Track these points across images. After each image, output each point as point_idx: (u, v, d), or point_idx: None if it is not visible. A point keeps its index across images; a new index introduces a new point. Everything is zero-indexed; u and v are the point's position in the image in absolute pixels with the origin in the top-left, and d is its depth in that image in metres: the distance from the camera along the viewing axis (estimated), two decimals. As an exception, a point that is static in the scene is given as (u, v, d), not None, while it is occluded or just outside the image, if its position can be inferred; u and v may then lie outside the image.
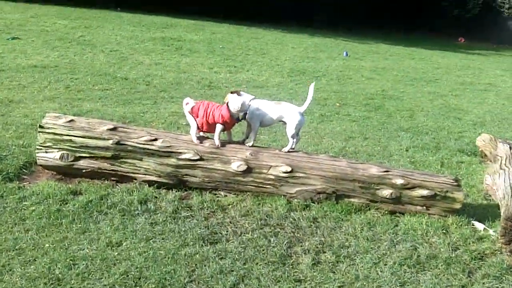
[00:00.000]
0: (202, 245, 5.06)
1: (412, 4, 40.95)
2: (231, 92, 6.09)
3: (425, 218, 6.05)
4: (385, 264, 5.06)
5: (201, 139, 6.21)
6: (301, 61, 18.26)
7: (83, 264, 4.54)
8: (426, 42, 32.58)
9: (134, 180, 6.14)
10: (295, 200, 6.10)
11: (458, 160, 8.56)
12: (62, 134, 6.09)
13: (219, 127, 6.10)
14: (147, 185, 6.10)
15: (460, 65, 23.13)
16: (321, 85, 14.29)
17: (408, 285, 4.80)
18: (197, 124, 6.15)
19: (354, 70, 17.63)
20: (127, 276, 4.45)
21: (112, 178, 6.17)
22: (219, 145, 6.14)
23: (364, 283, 4.73)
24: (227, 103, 6.02)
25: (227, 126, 6.16)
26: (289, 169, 6.03)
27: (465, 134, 10.44)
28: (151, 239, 5.08)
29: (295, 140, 6.35)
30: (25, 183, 6.02)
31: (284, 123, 6.35)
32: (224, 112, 6.02)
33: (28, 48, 14.40)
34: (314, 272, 4.83)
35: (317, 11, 35.85)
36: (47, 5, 24.31)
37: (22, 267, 4.44)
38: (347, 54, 21.42)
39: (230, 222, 5.59)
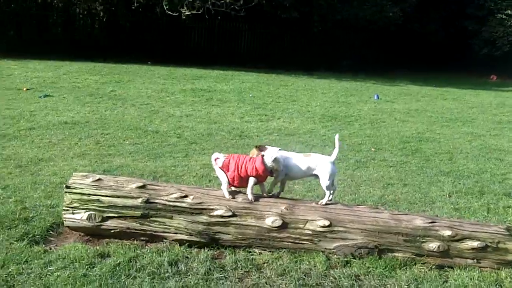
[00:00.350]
0: (237, 310, 4.72)
1: (439, 44, 40.65)
2: (256, 147, 5.85)
3: (476, 272, 5.61)
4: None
5: (233, 194, 5.92)
6: (332, 106, 17.99)
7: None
8: (457, 82, 32.05)
9: (164, 240, 5.86)
10: (335, 256, 5.73)
11: (504, 205, 8.09)
12: (89, 194, 5.87)
13: (252, 180, 5.82)
14: (177, 244, 5.81)
15: (495, 103, 22.56)
16: (354, 129, 13.96)
17: None
18: (228, 179, 5.87)
19: (386, 113, 17.27)
20: None
21: (142, 238, 5.91)
22: (253, 199, 5.84)
23: None
24: (262, 155, 5.75)
25: (260, 179, 5.87)
26: (327, 223, 5.69)
27: (509, 176, 9.96)
28: (183, 304, 4.76)
29: (331, 191, 6.01)
30: (51, 246, 5.79)
31: (316, 176, 6.03)
32: (258, 164, 5.74)
33: (60, 105, 14.44)
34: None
35: (343, 55, 35.80)
36: (79, 62, 24.62)
37: None
38: (378, 97, 21.09)
39: (266, 283, 5.24)
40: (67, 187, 5.92)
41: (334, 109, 17.53)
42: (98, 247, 5.72)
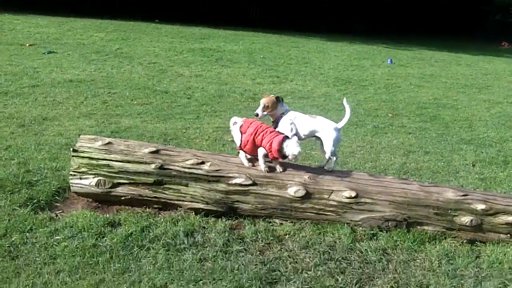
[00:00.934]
0: (259, 286, 4.37)
1: (451, 10, 39.80)
2: (276, 97, 5.51)
3: (511, 247, 5.27)
4: (475, 308, 4.30)
5: (253, 161, 5.53)
6: (345, 70, 17.48)
7: (124, 316, 3.90)
8: (468, 48, 31.35)
9: (179, 208, 5.50)
10: (360, 228, 5.36)
11: (531, 176, 7.70)
12: (98, 159, 5.49)
13: (261, 151, 5.40)
14: (193, 213, 5.45)
15: (509, 71, 21.98)
16: (369, 94, 13.51)
17: (506, 336, 4.02)
18: (241, 143, 5.47)
19: (401, 78, 16.77)
20: (176, 329, 3.79)
21: (155, 206, 5.55)
22: (267, 170, 5.44)
23: (456, 335, 3.97)
24: (283, 138, 5.26)
25: (270, 156, 5.41)
26: (353, 194, 5.31)
27: (532, 146, 9.55)
28: (201, 280, 4.41)
29: (335, 158, 5.64)
30: (57, 212, 5.43)
31: (318, 139, 5.64)
32: (275, 145, 5.24)
33: (64, 62, 13.96)
34: (393, 321, 4.09)
35: (356, 18, 35.08)
36: (84, 18, 24.03)
37: (53, 321, 3.82)
38: (391, 62, 20.54)
39: (289, 256, 4.88)
40: (74, 150, 5.53)
41: (348, 72, 17.03)
42: (108, 215, 5.36)
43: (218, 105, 10.72)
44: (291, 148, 5.14)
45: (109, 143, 5.60)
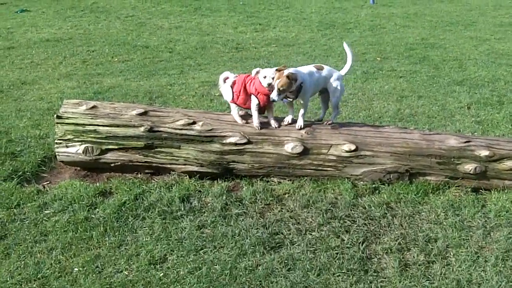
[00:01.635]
0: (263, 252, 4.18)
1: None
2: (277, 69, 5.03)
3: (517, 194, 5.10)
4: (486, 261, 4.14)
5: (246, 118, 5.27)
6: (328, 13, 17.08)
7: (123, 294, 3.70)
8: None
9: (172, 172, 5.27)
10: (361, 183, 5.17)
11: (528, 116, 7.52)
12: (84, 124, 5.21)
13: (254, 101, 5.12)
14: (187, 177, 5.22)
15: (492, 5, 21.60)
16: (355, 37, 13.20)
17: (521, 288, 3.88)
18: (233, 95, 5.19)
19: (385, 18, 16.42)
20: (179, 306, 3.60)
21: (146, 171, 5.32)
22: (259, 127, 5.17)
23: (469, 291, 3.82)
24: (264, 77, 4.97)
25: (260, 101, 5.10)
26: (353, 147, 5.09)
27: (525, 83, 9.36)
28: (201, 249, 4.21)
29: (338, 110, 5.47)
30: (45, 184, 5.18)
31: (325, 91, 5.41)
32: (257, 83, 5.01)
33: (39, 21, 13.45)
34: (404, 279, 3.93)
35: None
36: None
37: (49, 305, 3.61)
38: (373, 1, 20.12)
39: (291, 217, 4.69)
40: (58, 117, 5.24)
41: (331, 15, 16.64)
42: (98, 184, 5.12)
43: (202, 58, 10.38)
44: (262, 74, 4.95)
45: (94, 106, 5.31)
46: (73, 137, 5.24)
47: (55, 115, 5.31)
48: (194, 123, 5.16)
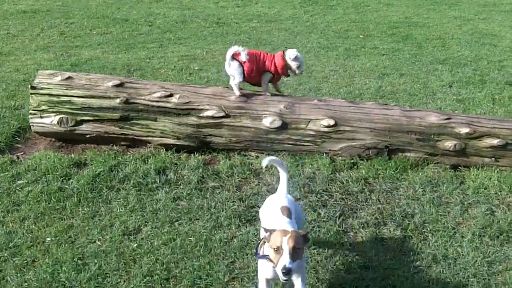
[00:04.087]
0: (238, 224, 4.15)
1: None
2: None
3: (495, 172, 5.09)
4: (463, 237, 4.15)
5: (241, 92, 5.23)
6: (310, -11, 16.86)
7: (95, 264, 3.64)
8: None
9: (148, 145, 5.19)
10: (340, 158, 5.13)
11: (510, 95, 7.51)
12: (59, 95, 5.10)
13: (267, 75, 5.16)
14: (164, 149, 5.15)
15: (476, -15, 21.58)
16: (338, 15, 13.06)
17: (496, 264, 3.87)
18: (245, 72, 5.08)
19: (369, -3, 16.27)
20: (152, 277, 3.56)
21: (122, 143, 5.23)
22: (269, 94, 5.26)
23: (444, 266, 3.80)
24: (283, 51, 5.14)
25: (276, 76, 5.22)
26: (332, 122, 5.05)
27: (507, 63, 9.32)
28: (176, 220, 4.17)
29: None
30: (19, 154, 5.09)
31: None
32: (278, 60, 5.10)
33: (16, -9, 13.13)
34: (379, 253, 3.91)
35: None
36: None
37: (19, 274, 3.55)
38: (358, -20, 19.93)
39: (268, 191, 4.63)
40: (33, 87, 5.12)
41: (313, -9, 16.45)
42: (73, 155, 5.03)
43: (182, 32, 10.23)
44: (289, 53, 5.09)
45: (69, 77, 5.19)
46: (47, 108, 5.13)
47: (29, 86, 5.18)
48: (171, 95, 5.07)
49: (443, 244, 4.04)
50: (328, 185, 4.78)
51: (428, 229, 4.22)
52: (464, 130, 5.06)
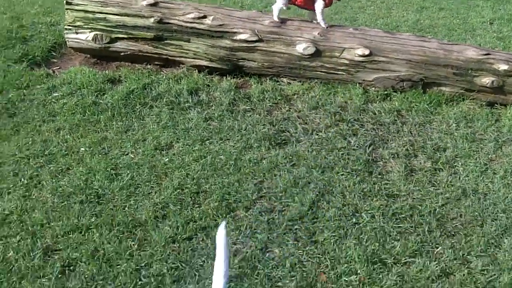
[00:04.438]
0: (268, 147, 4.16)
1: None
2: None
3: (532, 110, 4.99)
4: (495, 173, 4.10)
5: (281, 19, 5.12)
6: None
7: (128, 175, 3.72)
8: None
9: (181, 65, 5.19)
10: (373, 89, 5.07)
11: (554, 35, 7.28)
12: (94, 12, 5.09)
13: (321, 4, 5.00)
14: (196, 70, 5.14)
15: None
16: None
17: (527, 202, 3.85)
18: None
19: None
20: (182, 190, 3.62)
21: (156, 63, 5.24)
22: (328, 26, 5.09)
23: (474, 200, 3.79)
24: None
25: (328, 2, 5.04)
26: (367, 51, 4.95)
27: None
28: (207, 139, 4.20)
29: None
30: (54, 69, 5.15)
31: None
32: None
33: None
34: (408, 183, 3.91)
35: None
36: None
37: (53, 180, 3.64)
38: None
39: (298, 117, 4.63)
40: (68, 3, 5.12)
41: None
42: (107, 72, 5.07)
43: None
44: None
45: (104, -7, 5.17)
46: (82, 24, 5.14)
47: (65, 1, 5.18)
48: (204, 17, 5.02)
49: (474, 179, 4.00)
50: (360, 115, 4.74)
51: (460, 163, 4.18)
52: (503, 67, 4.94)
